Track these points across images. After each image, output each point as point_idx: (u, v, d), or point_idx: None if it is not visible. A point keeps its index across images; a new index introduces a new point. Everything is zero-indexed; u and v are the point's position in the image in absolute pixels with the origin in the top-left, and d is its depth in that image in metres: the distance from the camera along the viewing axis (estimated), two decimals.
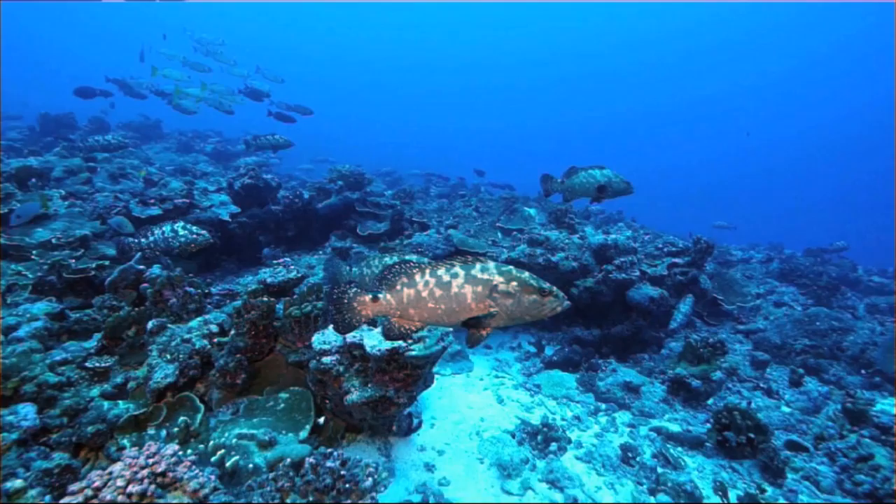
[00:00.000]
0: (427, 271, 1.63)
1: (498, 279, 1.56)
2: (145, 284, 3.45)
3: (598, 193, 3.33)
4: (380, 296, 1.70)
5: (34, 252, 4.13)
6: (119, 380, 2.97)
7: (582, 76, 58.72)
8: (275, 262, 5.94)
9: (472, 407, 4.09)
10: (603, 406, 4.09)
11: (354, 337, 2.95)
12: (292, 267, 4.16)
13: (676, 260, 5.50)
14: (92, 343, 3.35)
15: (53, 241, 4.30)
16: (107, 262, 4.43)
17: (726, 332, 6.33)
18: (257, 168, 6.61)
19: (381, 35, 58.16)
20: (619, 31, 52.20)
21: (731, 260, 9.44)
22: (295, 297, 3.53)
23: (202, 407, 2.91)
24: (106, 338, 3.07)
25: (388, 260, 3.21)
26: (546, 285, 1.56)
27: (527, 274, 1.58)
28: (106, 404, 2.79)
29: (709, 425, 3.89)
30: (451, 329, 3.05)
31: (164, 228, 3.65)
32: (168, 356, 3.00)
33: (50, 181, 5.52)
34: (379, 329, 2.96)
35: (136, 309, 3.19)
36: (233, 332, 3.16)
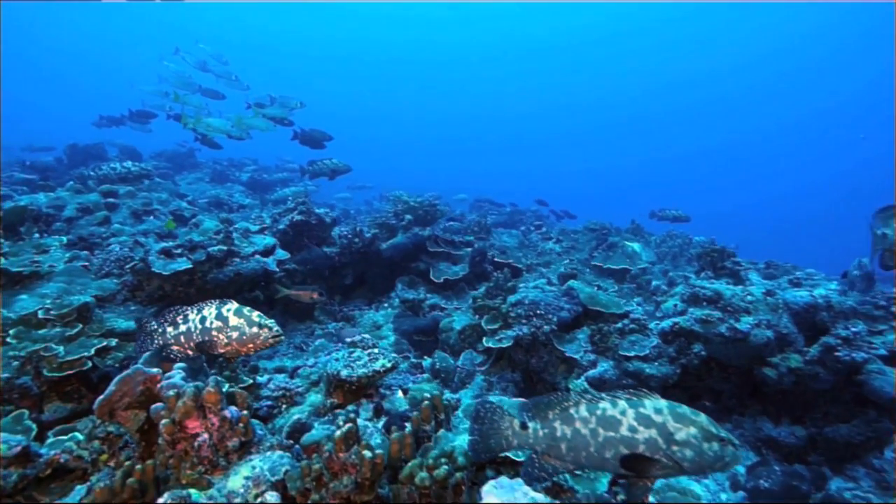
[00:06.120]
0: None
1: None
2: (158, 405, 2.07)
3: None
4: None
5: (10, 333, 2.85)
6: None
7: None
8: (334, 326, 4.57)
9: None
10: None
11: None
12: (375, 349, 2.74)
13: None
14: (75, 499, 1.98)
15: (41, 313, 3.03)
16: (113, 342, 3.12)
17: None
18: (308, 201, 5.34)
19: (399, 45, 55.52)
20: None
21: None
22: (404, 429, 2.08)
23: None
24: None
25: (610, 411, 1.68)
26: None
27: None
28: None
29: None
30: None
31: (205, 312, 2.16)
32: None
33: (55, 223, 4.35)
34: None
35: (137, 467, 1.79)
36: None
